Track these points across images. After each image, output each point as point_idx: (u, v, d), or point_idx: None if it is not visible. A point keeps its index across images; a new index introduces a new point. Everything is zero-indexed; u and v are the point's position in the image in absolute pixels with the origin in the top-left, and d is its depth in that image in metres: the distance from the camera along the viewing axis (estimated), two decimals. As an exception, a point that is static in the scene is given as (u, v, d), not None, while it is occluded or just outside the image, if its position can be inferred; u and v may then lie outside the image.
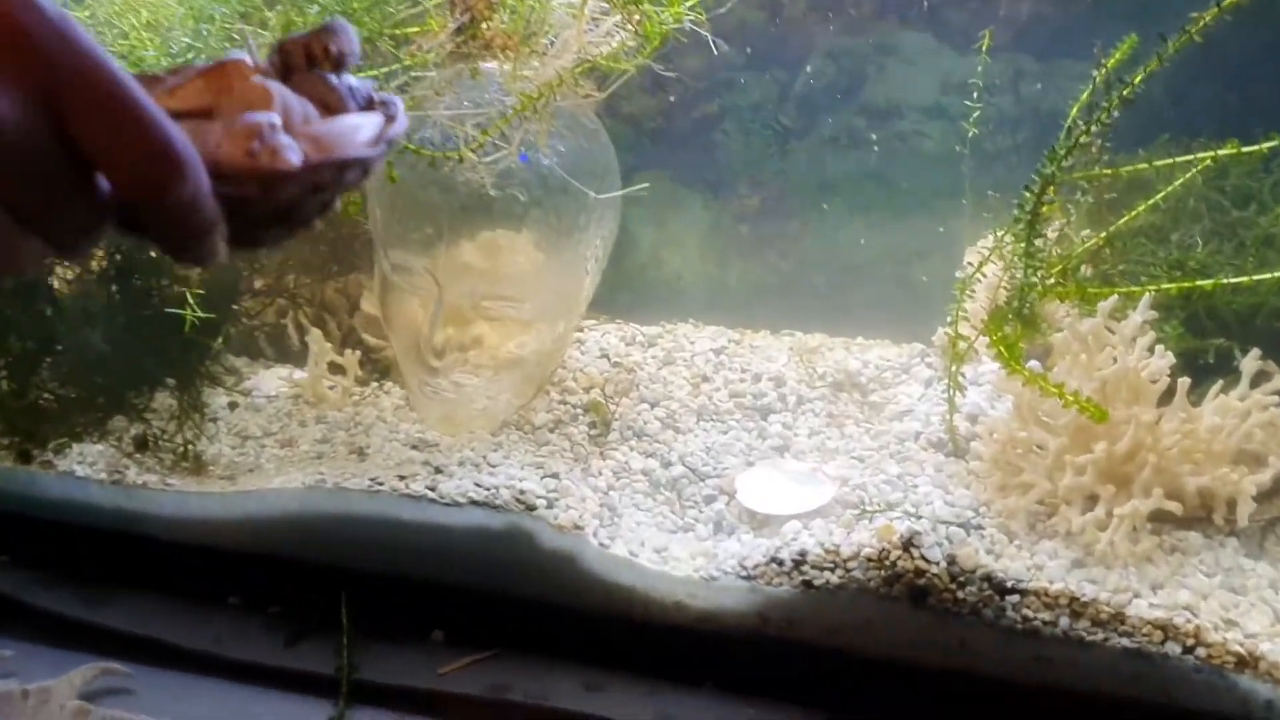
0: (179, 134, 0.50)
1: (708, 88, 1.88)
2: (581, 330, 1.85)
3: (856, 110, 1.82)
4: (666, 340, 1.86)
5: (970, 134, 1.53)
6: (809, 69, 1.78)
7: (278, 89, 0.59)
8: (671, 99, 1.88)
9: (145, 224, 0.51)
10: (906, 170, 1.82)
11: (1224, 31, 1.18)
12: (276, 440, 1.66)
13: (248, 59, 0.62)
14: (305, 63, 0.63)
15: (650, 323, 1.91)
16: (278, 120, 0.56)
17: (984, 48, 1.51)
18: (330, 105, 0.62)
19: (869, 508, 1.36)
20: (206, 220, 0.52)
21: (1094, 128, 1.09)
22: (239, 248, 0.57)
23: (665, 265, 1.98)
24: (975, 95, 1.52)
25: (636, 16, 1.23)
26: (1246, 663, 1.15)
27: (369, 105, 0.64)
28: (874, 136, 1.75)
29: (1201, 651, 1.16)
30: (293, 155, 0.55)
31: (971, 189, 1.67)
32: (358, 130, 0.60)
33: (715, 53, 1.38)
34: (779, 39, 1.82)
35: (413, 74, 1.38)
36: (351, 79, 0.64)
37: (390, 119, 0.63)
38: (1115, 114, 1.10)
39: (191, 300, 1.51)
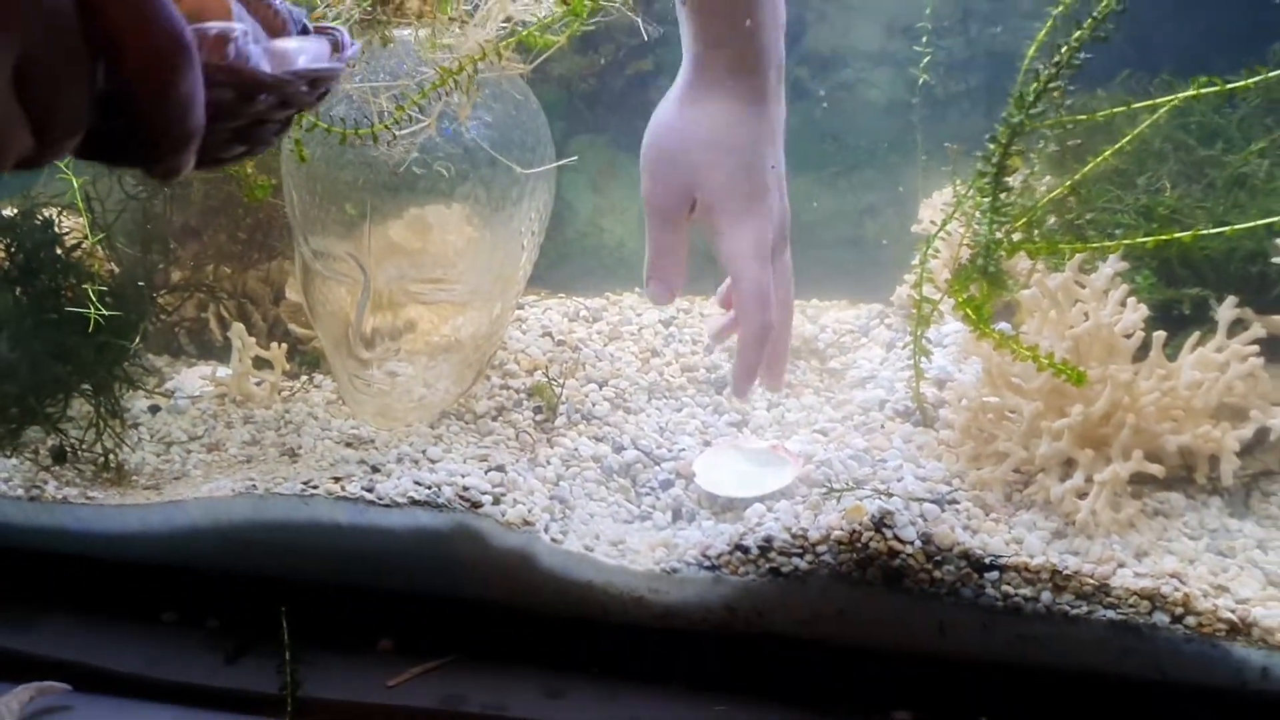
0: (185, 24, 0.50)
1: (640, 44, 1.78)
2: (522, 308, 1.75)
3: (798, 60, 1.73)
4: (611, 313, 1.77)
5: (920, 81, 1.45)
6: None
7: (233, 2, 0.59)
8: (603, 59, 1.78)
9: (139, 119, 0.50)
10: (854, 122, 1.73)
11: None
12: (203, 444, 1.56)
13: None
14: None
15: (594, 295, 1.82)
16: (247, 28, 0.57)
17: (931, -12, 1.43)
18: (274, 29, 0.64)
19: (836, 486, 1.28)
20: (196, 121, 0.52)
21: (1062, 70, 1.00)
22: (202, 166, 0.57)
23: (607, 234, 1.89)
24: (924, 40, 1.44)
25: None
26: (1239, 630, 1.09)
27: (305, 33, 0.66)
28: (821, 92, 1.66)
29: (1191, 620, 1.10)
30: (265, 63, 0.57)
31: (924, 140, 1.59)
32: (314, 50, 0.62)
33: (643, 15, 1.28)
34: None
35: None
36: (291, 6, 0.66)
37: (337, 44, 0.65)
38: (1081, 57, 1.01)
39: (104, 298, 1.41)
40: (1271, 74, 1.06)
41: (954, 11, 1.63)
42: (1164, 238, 1.11)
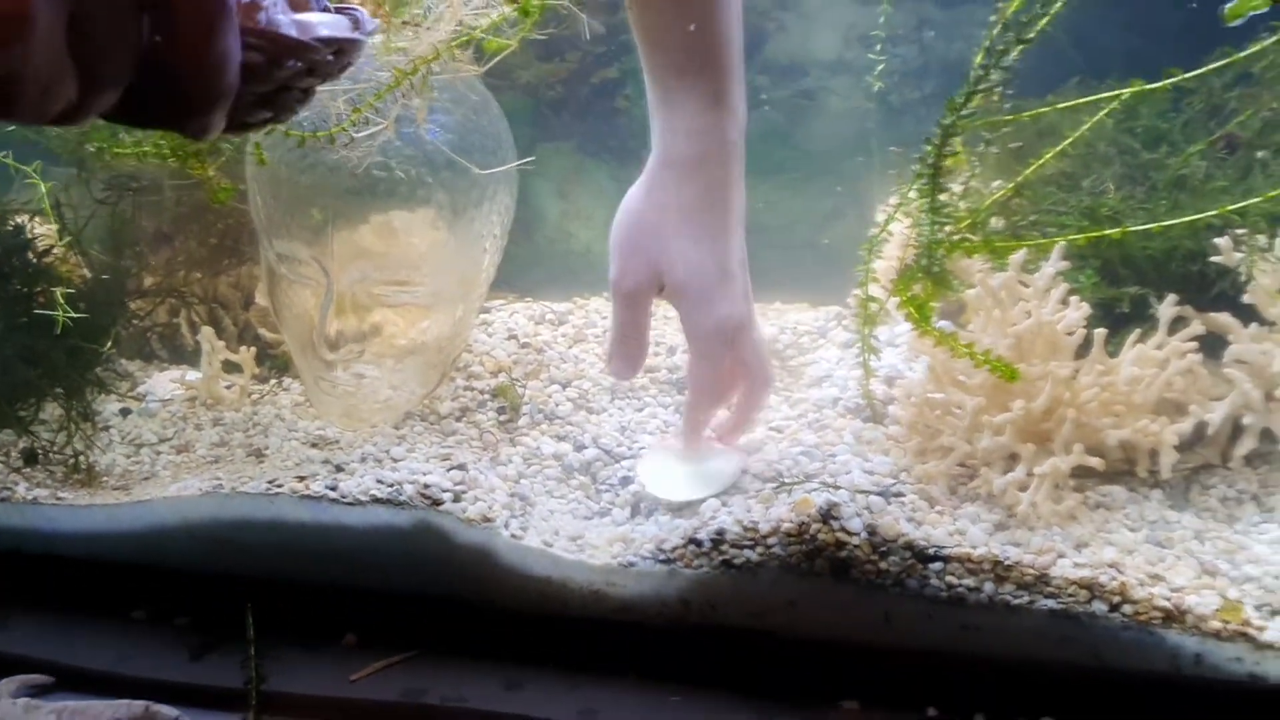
0: None
1: (606, 52, 1.81)
2: (488, 311, 1.78)
3: (759, 69, 1.77)
4: (577, 316, 1.79)
5: (875, 88, 1.48)
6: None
7: None
8: (569, 66, 1.81)
9: (176, 76, 0.52)
10: (814, 128, 1.77)
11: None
12: (172, 446, 1.58)
13: None
14: None
15: (561, 299, 1.85)
16: (277, 1, 0.60)
17: (885, -3, 1.47)
18: (298, 5, 0.66)
19: (787, 481, 1.31)
20: (231, 79, 0.54)
21: (992, 74, 1.04)
22: (230, 130, 0.60)
23: (574, 239, 1.92)
24: (878, 47, 1.47)
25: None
26: (1174, 617, 1.12)
27: (325, 11, 0.68)
28: (763, 98, 1.69)
29: (1128, 609, 1.13)
30: (292, 29, 0.60)
31: (879, 144, 1.63)
32: (336, 24, 0.65)
33: (600, 27, 1.32)
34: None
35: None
36: None
37: (357, 21, 0.68)
38: (1013, 58, 1.05)
39: (77, 303, 1.44)
40: (1187, 75, 1.09)
41: (909, 20, 1.66)
42: (1095, 234, 1.14)
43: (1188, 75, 1.12)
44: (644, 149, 1.87)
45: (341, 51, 0.65)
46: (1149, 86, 1.08)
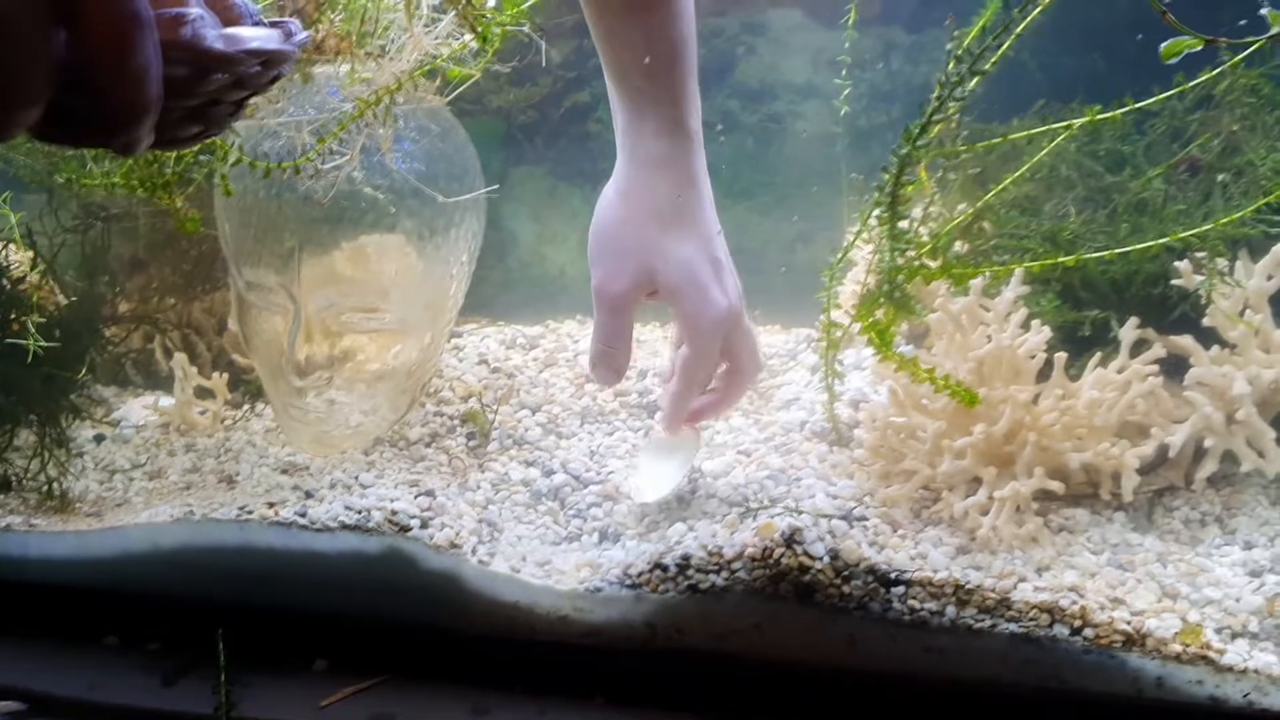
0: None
1: (577, 77, 1.82)
2: (460, 336, 1.79)
3: (729, 93, 1.78)
4: (548, 341, 1.80)
5: (843, 111, 1.49)
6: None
7: None
8: (541, 92, 1.82)
9: (96, 91, 0.52)
10: (785, 152, 1.78)
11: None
12: (145, 472, 1.59)
13: None
14: None
15: (534, 323, 1.86)
16: (202, 13, 0.60)
17: (851, 22, 1.47)
18: (229, 20, 0.66)
19: (752, 505, 1.31)
20: (153, 93, 0.54)
21: (946, 103, 1.05)
22: (160, 145, 0.61)
23: (548, 262, 1.93)
24: (844, 72, 1.48)
25: (472, 17, 1.17)
26: (1134, 640, 1.13)
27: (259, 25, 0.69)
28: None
29: (1089, 632, 1.14)
30: (219, 44, 0.60)
31: (848, 168, 1.64)
32: (266, 35, 0.65)
33: (571, 53, 1.34)
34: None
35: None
36: (248, 2, 0.70)
37: (290, 32, 0.69)
38: (969, 89, 1.06)
39: (52, 330, 1.44)
40: (1138, 105, 1.10)
41: (876, 45, 1.68)
42: (1050, 261, 1.15)
43: (1138, 105, 1.13)
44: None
45: (269, 63, 0.65)
46: (1102, 116, 1.09)
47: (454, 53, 1.21)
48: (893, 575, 1.19)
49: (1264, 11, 0.90)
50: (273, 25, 0.69)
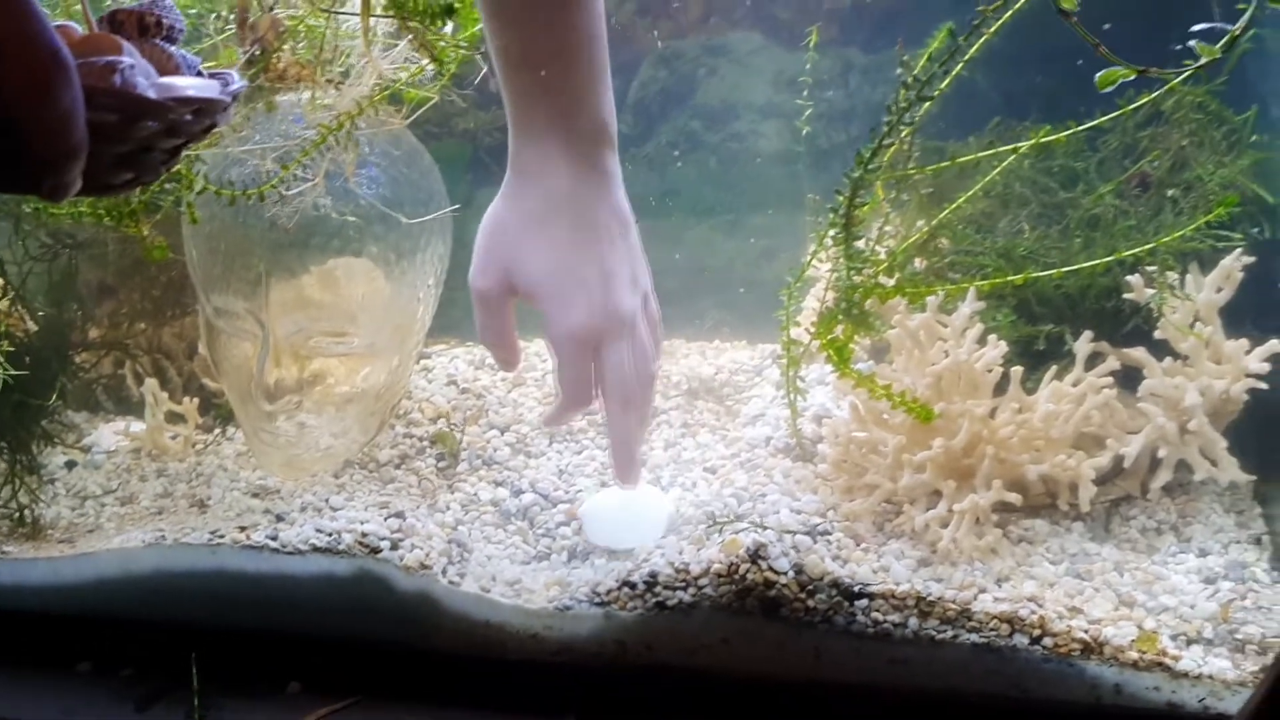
0: (63, 43, 0.53)
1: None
2: (429, 357, 1.80)
3: (691, 114, 1.81)
4: (518, 360, 1.82)
5: (804, 131, 1.51)
6: (640, 75, 1.77)
7: (124, 43, 0.64)
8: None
9: (20, 136, 0.53)
10: (747, 171, 1.81)
11: (1042, 14, 1.18)
12: (116, 498, 1.60)
13: (78, 28, 0.67)
14: (138, 32, 0.68)
15: (505, 342, 1.87)
16: (134, 62, 0.60)
17: (812, 44, 1.50)
18: (166, 70, 0.67)
19: (718, 521, 1.33)
20: (78, 137, 0.55)
21: (897, 128, 1.07)
22: (91, 191, 0.61)
23: (516, 282, 1.94)
24: (805, 92, 1.51)
25: (427, 41, 1.19)
26: (1092, 649, 1.15)
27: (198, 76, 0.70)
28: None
29: (1048, 641, 1.16)
30: (151, 93, 0.60)
31: (810, 186, 1.67)
32: (202, 85, 0.66)
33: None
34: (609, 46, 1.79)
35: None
36: (186, 53, 0.71)
37: (227, 82, 0.69)
38: (917, 114, 1.08)
39: (22, 357, 1.45)
40: (1081, 128, 1.13)
41: (835, 65, 1.71)
42: (1000, 280, 1.18)
43: (1085, 127, 1.16)
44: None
45: (202, 112, 0.66)
46: (1048, 139, 1.12)
47: (411, 76, 1.23)
48: (856, 588, 1.21)
49: (1192, 44, 0.92)
50: (212, 76, 0.71)
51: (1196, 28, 0.94)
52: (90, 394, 1.82)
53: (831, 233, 1.17)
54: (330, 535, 1.34)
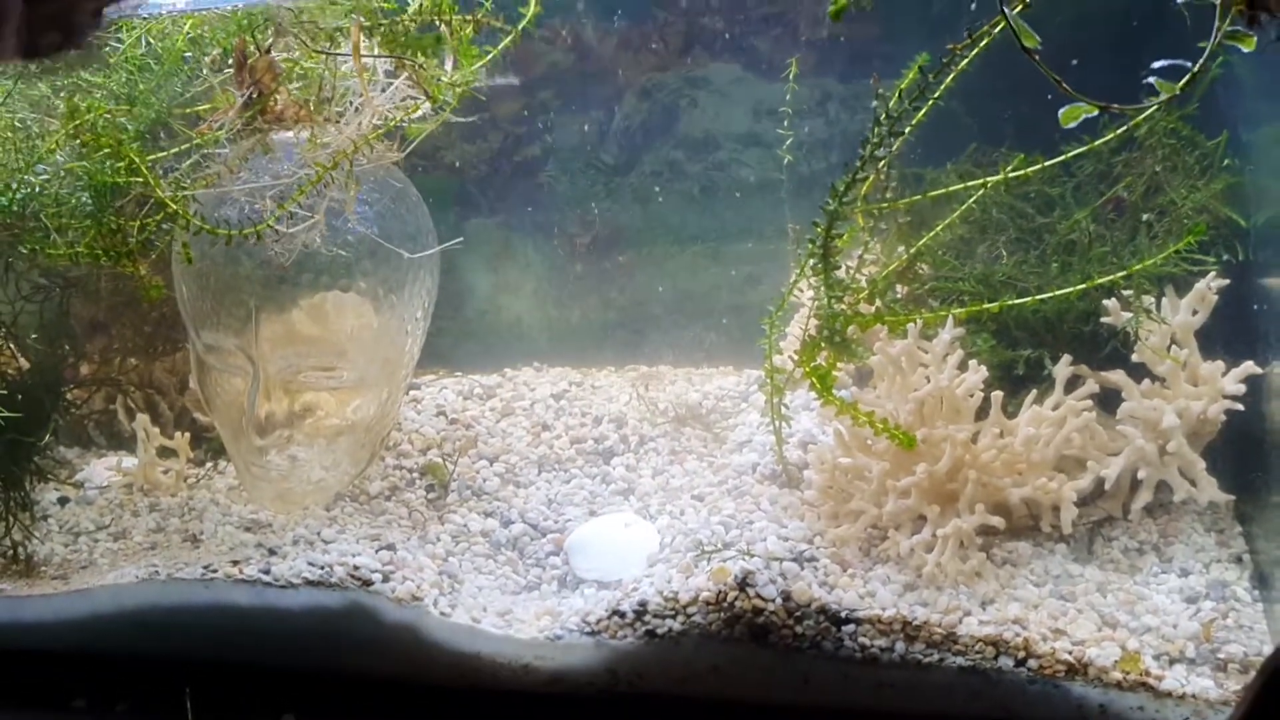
0: None
1: (527, 132, 1.87)
2: (418, 388, 1.82)
3: (674, 144, 1.84)
4: (506, 390, 1.84)
5: (785, 160, 1.54)
6: (623, 107, 1.79)
7: None
8: (493, 147, 1.87)
9: None
10: (729, 198, 1.83)
11: (1013, 45, 1.20)
12: (109, 533, 1.61)
13: None
14: None
15: (495, 371, 1.90)
16: None
17: (792, 75, 1.52)
18: None
19: (706, 549, 1.35)
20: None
21: (871, 162, 1.10)
22: (23, 55, 0.65)
23: (505, 311, 1.97)
24: (785, 122, 1.53)
25: (423, 78, 1.21)
26: (1076, 670, 1.17)
27: None
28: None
29: (1033, 663, 1.18)
30: None
31: (792, 214, 1.69)
32: None
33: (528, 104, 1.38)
34: (591, 79, 1.82)
35: (205, 152, 1.35)
36: None
37: None
38: (891, 148, 1.11)
39: (14, 395, 1.46)
40: (1048, 163, 1.16)
41: (813, 95, 1.73)
42: (975, 309, 1.20)
43: (1055, 161, 1.19)
44: (568, 223, 1.94)
45: None
46: (1017, 173, 1.14)
47: (409, 114, 1.25)
48: (843, 614, 1.23)
49: (1151, 79, 0.95)
50: None
51: (1157, 65, 0.96)
52: (82, 430, 1.83)
53: (811, 263, 1.19)
54: (322, 568, 1.35)
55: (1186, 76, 0.92)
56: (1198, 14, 0.99)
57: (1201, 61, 0.91)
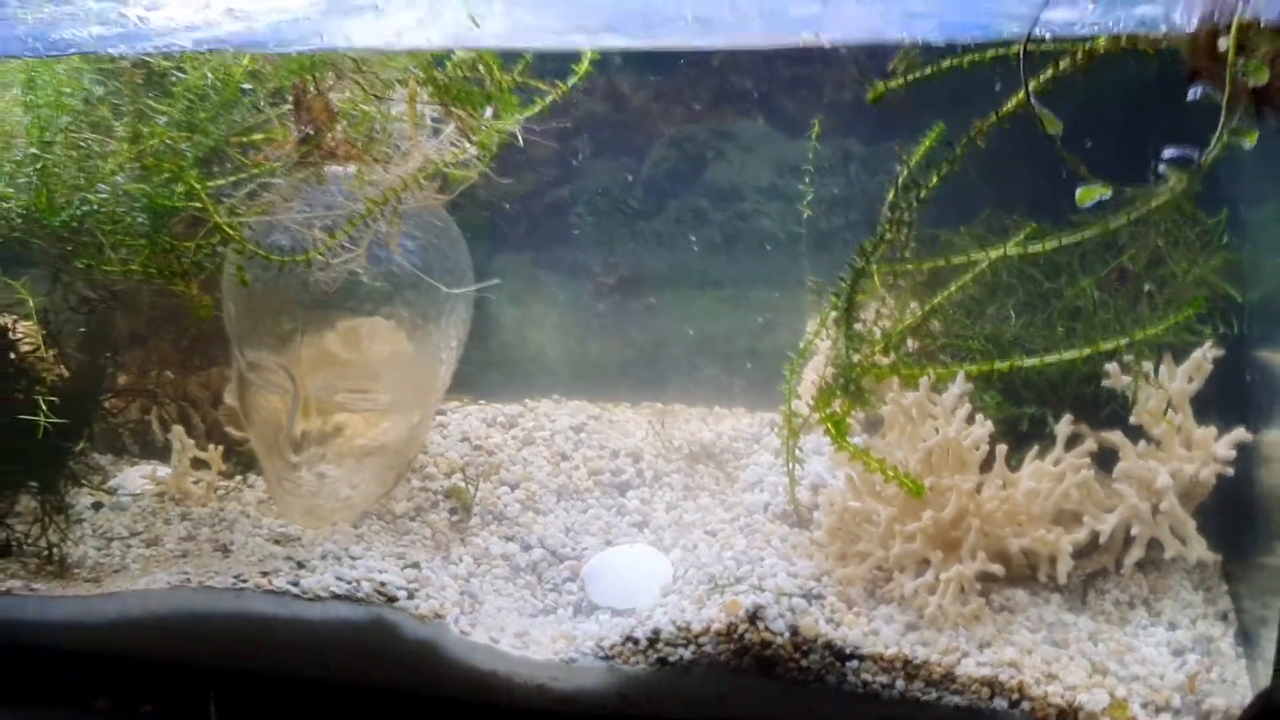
0: None
1: (560, 174, 1.95)
2: (444, 414, 1.88)
3: (699, 192, 1.91)
4: (527, 419, 1.90)
5: (805, 214, 1.61)
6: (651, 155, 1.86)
7: None
8: (524, 186, 1.94)
9: None
10: (750, 247, 1.91)
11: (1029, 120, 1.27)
12: (141, 540, 1.66)
13: None
14: None
15: (515, 401, 1.96)
16: None
17: (815, 134, 1.60)
18: None
19: (719, 582, 1.41)
20: None
21: (894, 226, 1.17)
22: None
23: (528, 344, 2.04)
24: (807, 179, 1.61)
25: (469, 127, 1.29)
26: (1067, 714, 1.23)
27: None
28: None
29: (1026, 705, 1.24)
30: None
31: (810, 266, 1.76)
32: None
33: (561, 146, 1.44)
34: (624, 127, 1.90)
35: (260, 181, 1.42)
36: None
37: None
38: (911, 213, 1.18)
39: (54, 401, 1.51)
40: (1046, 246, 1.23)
41: (835, 153, 1.81)
42: (986, 367, 1.27)
43: (1064, 242, 1.26)
44: (594, 263, 2.02)
45: None
46: (1023, 253, 1.21)
47: (454, 158, 1.33)
48: (848, 650, 1.29)
49: (1162, 168, 1.02)
50: None
51: (1167, 154, 1.04)
52: (117, 437, 1.88)
53: (833, 315, 1.26)
54: (350, 583, 1.41)
55: (1196, 163, 1.00)
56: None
57: (1209, 153, 0.98)
